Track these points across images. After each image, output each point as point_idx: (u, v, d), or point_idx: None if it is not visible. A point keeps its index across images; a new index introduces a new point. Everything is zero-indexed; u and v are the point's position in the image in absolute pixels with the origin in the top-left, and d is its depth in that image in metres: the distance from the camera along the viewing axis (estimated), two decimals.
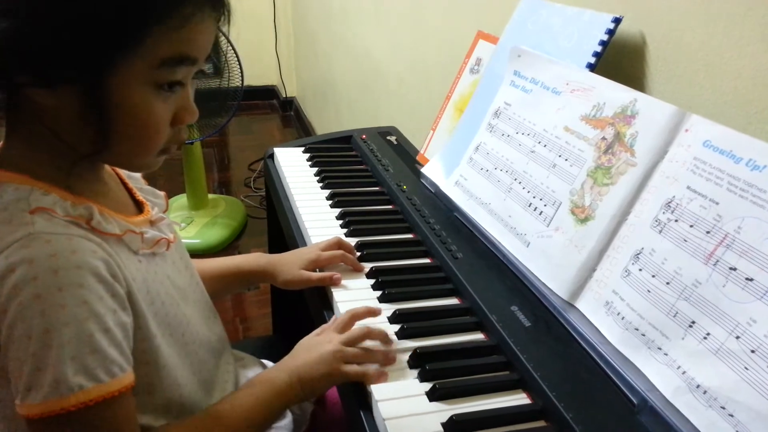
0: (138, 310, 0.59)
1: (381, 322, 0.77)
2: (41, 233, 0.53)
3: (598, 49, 0.84)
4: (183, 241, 0.76)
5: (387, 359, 0.70)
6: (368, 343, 0.72)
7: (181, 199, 2.48)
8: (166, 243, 0.68)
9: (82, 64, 0.51)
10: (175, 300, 0.68)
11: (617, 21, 0.83)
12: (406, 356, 0.71)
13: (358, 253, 0.90)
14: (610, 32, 0.83)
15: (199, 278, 0.77)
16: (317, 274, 0.85)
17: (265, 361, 0.89)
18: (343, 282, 0.84)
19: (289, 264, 0.87)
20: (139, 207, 0.69)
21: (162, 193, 0.75)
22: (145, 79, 0.54)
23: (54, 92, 0.52)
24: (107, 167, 0.68)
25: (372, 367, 0.68)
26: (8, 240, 0.52)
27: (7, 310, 0.51)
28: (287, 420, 0.81)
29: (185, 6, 0.53)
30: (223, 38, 2.05)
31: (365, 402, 0.67)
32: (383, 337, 0.72)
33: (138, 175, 0.74)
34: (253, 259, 0.91)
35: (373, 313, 0.76)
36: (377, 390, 0.66)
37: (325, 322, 0.78)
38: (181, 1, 0.53)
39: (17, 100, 0.55)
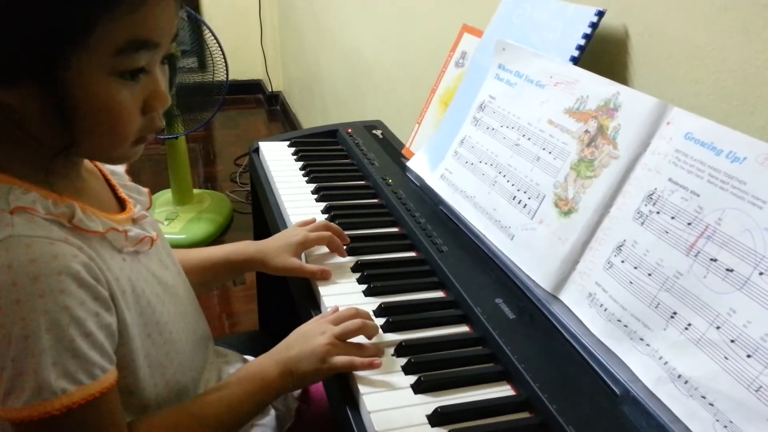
0: (119, 313, 0.59)
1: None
2: (21, 236, 0.52)
3: (582, 42, 0.84)
4: (168, 236, 0.75)
5: (376, 354, 0.70)
6: (360, 339, 0.72)
7: (166, 195, 2.46)
8: (150, 241, 0.67)
9: (32, 60, 0.49)
10: (161, 298, 0.67)
11: (600, 14, 0.83)
12: (391, 349, 0.71)
13: (344, 246, 0.90)
14: (594, 25, 0.84)
15: (185, 275, 0.77)
16: (310, 267, 0.84)
17: (248, 358, 0.89)
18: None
19: (279, 249, 0.86)
20: (122, 205, 0.68)
21: (146, 190, 0.74)
22: (104, 69, 0.52)
23: (14, 91, 0.51)
24: (89, 164, 0.67)
25: (360, 358, 0.68)
26: None
27: None
28: (270, 417, 0.81)
29: None
30: (207, 32, 2.04)
31: (350, 395, 0.67)
32: (375, 333, 0.72)
33: (122, 171, 0.73)
34: (242, 247, 0.90)
35: (371, 318, 0.75)
36: (362, 383, 0.66)
37: (311, 316, 0.78)
38: None
39: None
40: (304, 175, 1.15)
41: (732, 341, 0.56)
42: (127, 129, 0.56)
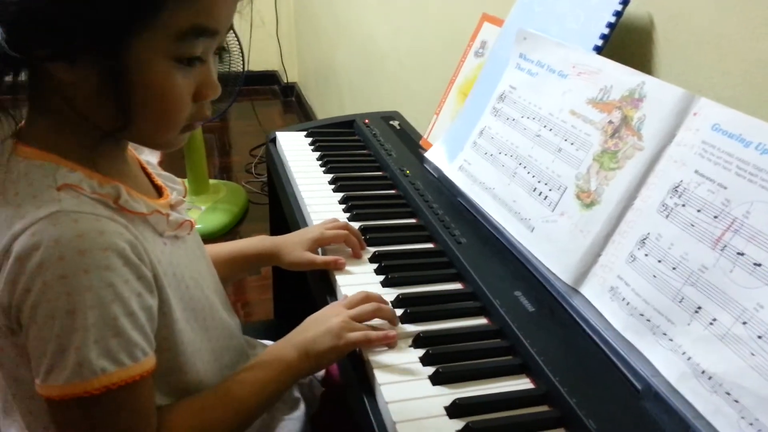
0: (162, 295, 0.59)
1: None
2: (69, 211, 0.52)
3: (606, 31, 0.83)
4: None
5: (390, 338, 0.70)
6: (376, 322, 0.72)
7: None
8: (190, 225, 0.67)
9: (97, 36, 0.50)
10: (199, 284, 0.67)
11: (625, 2, 0.82)
12: (409, 340, 0.71)
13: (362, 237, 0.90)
14: (618, 14, 0.82)
15: (213, 267, 0.77)
16: (322, 258, 0.85)
17: (270, 343, 0.89)
18: (347, 267, 0.84)
19: (294, 245, 0.87)
20: (159, 192, 0.69)
21: (180, 180, 0.74)
22: (164, 53, 0.52)
23: (73, 67, 0.51)
24: (130, 151, 0.67)
25: (374, 332, 0.68)
26: (35, 216, 0.51)
27: (31, 289, 0.51)
28: (300, 411, 0.81)
29: None
30: None
31: (368, 386, 0.67)
32: (391, 317, 0.72)
33: (155, 161, 0.73)
34: (257, 241, 0.90)
35: (385, 302, 0.75)
36: (380, 374, 0.65)
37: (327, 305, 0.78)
38: None
39: (39, 76, 0.54)
40: (321, 166, 1.14)
41: (759, 337, 0.54)
42: (179, 114, 0.57)
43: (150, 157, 0.73)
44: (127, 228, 0.55)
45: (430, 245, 0.91)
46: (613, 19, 0.82)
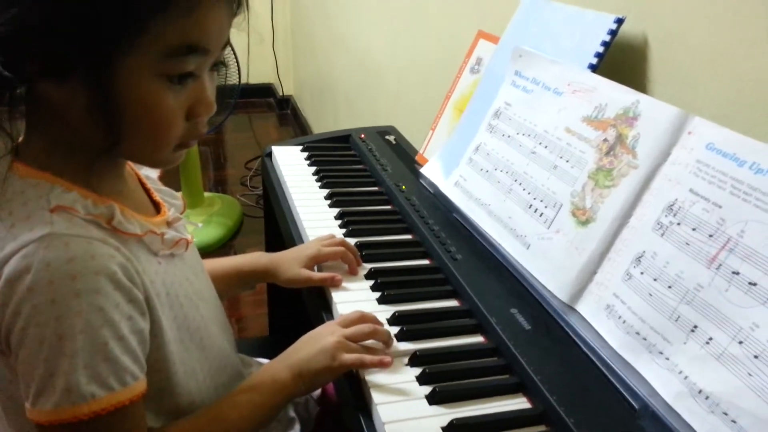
0: (155, 317, 0.58)
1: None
2: (60, 234, 0.52)
3: (600, 49, 0.83)
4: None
5: (385, 363, 0.69)
6: (370, 343, 0.71)
7: None
8: (185, 243, 0.67)
9: (85, 54, 0.50)
10: (194, 303, 0.67)
11: (620, 21, 0.82)
12: (405, 359, 0.70)
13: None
14: (613, 33, 0.83)
15: (211, 283, 0.76)
16: (318, 274, 0.84)
17: (265, 361, 0.88)
18: (342, 283, 0.84)
19: (290, 262, 0.86)
20: (157, 208, 0.68)
21: (179, 194, 0.74)
22: (153, 71, 0.52)
23: (63, 85, 0.51)
24: (128, 167, 0.67)
25: (369, 356, 0.68)
26: (26, 238, 0.51)
27: (20, 312, 0.50)
28: (295, 431, 0.80)
29: None
30: None
31: (364, 406, 0.66)
32: (386, 339, 0.71)
33: (155, 176, 0.73)
34: (254, 258, 0.90)
35: (380, 323, 0.74)
36: (376, 393, 0.65)
37: (323, 322, 0.77)
38: None
39: (35, 95, 0.54)
40: (317, 180, 1.14)
41: (755, 357, 0.54)
42: (169, 133, 0.56)
43: (150, 172, 0.72)
44: (119, 249, 0.55)
45: (425, 262, 0.91)
46: (607, 38, 0.83)
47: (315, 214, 1.02)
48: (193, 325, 0.66)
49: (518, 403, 0.65)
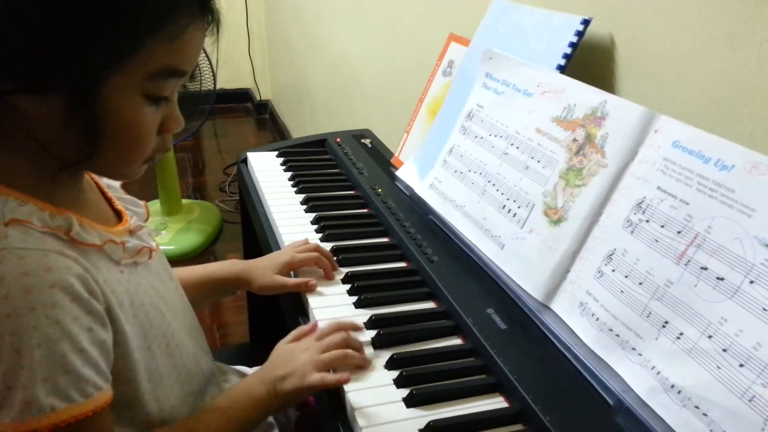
0: (117, 327, 0.58)
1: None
2: (15, 248, 0.51)
3: (568, 50, 0.84)
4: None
5: (363, 363, 0.70)
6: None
7: (155, 205, 2.44)
8: (148, 252, 0.67)
9: (74, 72, 0.50)
10: (161, 311, 0.66)
11: (586, 23, 0.83)
12: (382, 362, 0.70)
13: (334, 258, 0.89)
14: (580, 34, 0.84)
15: (182, 288, 0.76)
16: (293, 280, 0.84)
17: (244, 370, 0.88)
18: (319, 288, 0.83)
19: (264, 269, 0.86)
20: (119, 216, 0.68)
21: (142, 203, 0.74)
22: (136, 89, 0.54)
23: (41, 99, 0.51)
24: (87, 177, 0.67)
25: (331, 375, 0.68)
26: None
27: None
28: None
29: (180, 17, 0.53)
30: None
31: (342, 410, 0.66)
32: (358, 347, 0.72)
33: (117, 185, 0.73)
34: (228, 265, 0.90)
35: (358, 328, 0.75)
36: (353, 397, 0.65)
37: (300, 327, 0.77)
38: (177, 12, 0.53)
39: (2, 106, 0.53)
40: (292, 186, 1.14)
41: (724, 350, 0.55)
42: (145, 147, 0.58)
43: (112, 180, 0.72)
44: (78, 260, 0.55)
45: (402, 264, 0.91)
46: (575, 39, 0.84)
47: (291, 220, 1.02)
48: (159, 333, 0.66)
49: (495, 402, 0.66)
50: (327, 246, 0.92)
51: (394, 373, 0.68)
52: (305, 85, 2.79)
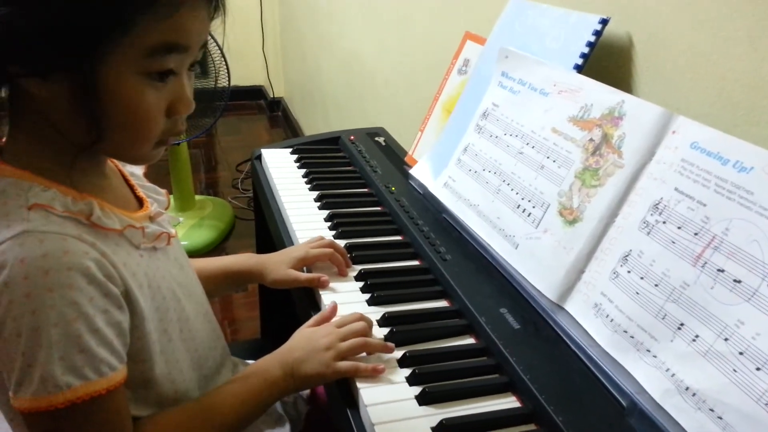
0: (135, 309, 0.60)
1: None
2: (36, 231, 0.53)
3: (585, 50, 0.84)
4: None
5: (383, 350, 0.71)
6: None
7: None
8: (167, 237, 0.68)
9: (69, 52, 0.51)
10: (177, 295, 0.68)
11: (604, 22, 0.83)
12: (395, 360, 0.70)
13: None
14: (597, 33, 0.83)
15: (197, 277, 0.77)
16: (305, 275, 0.85)
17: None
18: (332, 284, 0.84)
19: (278, 263, 0.87)
20: (140, 203, 0.69)
21: (163, 191, 0.76)
22: (135, 68, 0.54)
23: (46, 82, 0.52)
24: (111, 164, 0.68)
25: (364, 364, 0.68)
26: (3, 236, 0.53)
27: None
28: (285, 429, 0.81)
29: None
30: (209, 38, 2.04)
31: (354, 405, 0.66)
32: (382, 346, 0.72)
33: (140, 173, 0.74)
34: (243, 259, 0.91)
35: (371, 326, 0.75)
36: (366, 394, 0.65)
37: None
38: None
39: (18, 93, 0.55)
40: (306, 183, 1.14)
41: (740, 353, 0.55)
42: (150, 129, 0.58)
43: (135, 169, 0.74)
44: (95, 245, 0.56)
45: (415, 262, 0.91)
46: (592, 39, 0.83)
47: (304, 216, 1.02)
48: (174, 317, 0.67)
49: (508, 402, 0.66)
50: (341, 243, 0.92)
51: (407, 371, 0.69)
52: (318, 83, 2.80)
